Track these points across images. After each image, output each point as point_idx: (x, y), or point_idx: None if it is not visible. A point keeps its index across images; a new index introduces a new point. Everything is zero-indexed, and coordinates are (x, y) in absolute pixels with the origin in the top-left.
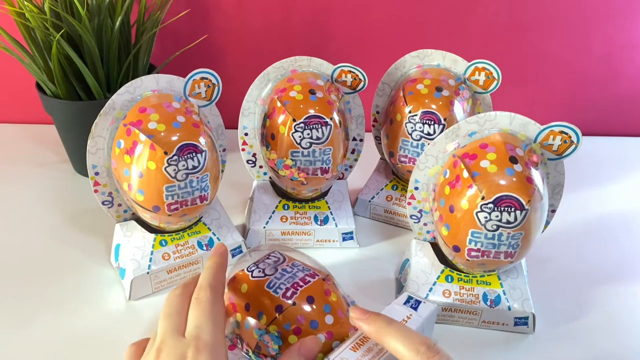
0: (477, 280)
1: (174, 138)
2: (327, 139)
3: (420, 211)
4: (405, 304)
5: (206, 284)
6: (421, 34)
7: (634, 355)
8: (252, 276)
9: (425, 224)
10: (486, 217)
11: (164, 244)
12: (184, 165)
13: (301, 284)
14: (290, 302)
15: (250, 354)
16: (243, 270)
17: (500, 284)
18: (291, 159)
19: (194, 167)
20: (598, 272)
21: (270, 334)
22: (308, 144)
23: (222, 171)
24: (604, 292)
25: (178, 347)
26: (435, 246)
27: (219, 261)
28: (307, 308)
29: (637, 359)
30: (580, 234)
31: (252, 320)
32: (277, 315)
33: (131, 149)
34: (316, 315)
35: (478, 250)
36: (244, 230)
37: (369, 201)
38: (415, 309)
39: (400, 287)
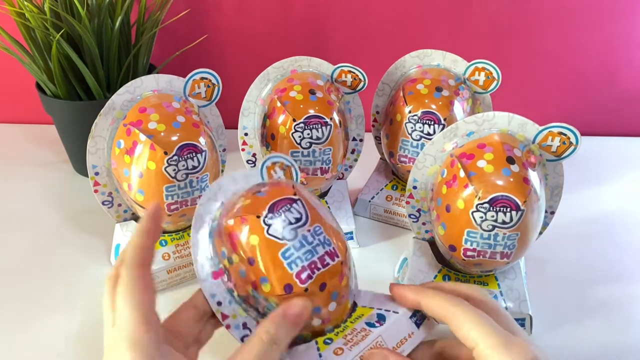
0: (475, 281)
1: (174, 138)
2: (327, 139)
3: (418, 210)
4: (411, 317)
5: (124, 258)
6: (421, 34)
7: (633, 357)
8: (267, 232)
9: (423, 223)
10: (482, 217)
11: (163, 244)
12: (184, 165)
13: (319, 265)
14: (303, 286)
15: (235, 294)
16: (259, 216)
17: (498, 284)
18: None
19: (194, 167)
20: (597, 273)
21: (268, 302)
22: (308, 144)
23: (222, 171)
24: (603, 293)
25: (107, 340)
26: (433, 245)
27: (147, 226)
28: (316, 294)
29: None
30: (580, 234)
31: (251, 277)
32: (284, 293)
33: (131, 149)
34: (322, 302)
35: (474, 250)
36: None
37: (369, 201)
38: (419, 326)
39: None
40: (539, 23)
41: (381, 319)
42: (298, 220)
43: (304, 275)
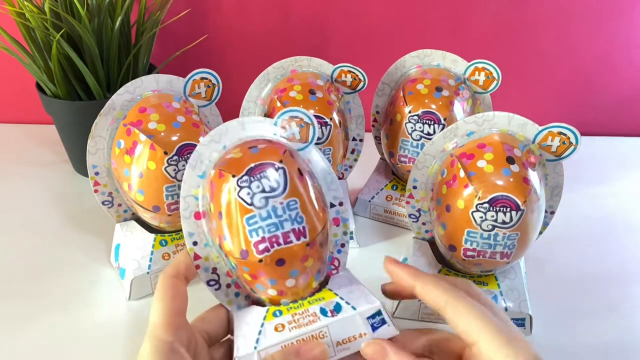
0: (475, 281)
1: (174, 138)
2: (327, 139)
3: (418, 210)
4: (369, 318)
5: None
6: (421, 34)
7: (633, 357)
8: (237, 194)
9: (423, 223)
10: (482, 217)
11: (164, 244)
12: (184, 165)
13: (280, 241)
14: (258, 256)
15: (210, 239)
16: (234, 175)
17: (498, 284)
18: None
19: None
20: (598, 273)
21: (228, 259)
22: None
23: None
24: (604, 293)
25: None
26: (433, 245)
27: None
28: (272, 268)
29: None
30: (580, 234)
31: (218, 231)
32: (240, 257)
33: (131, 149)
34: (277, 276)
35: (474, 250)
36: None
37: (369, 201)
38: (375, 329)
39: None
40: (539, 23)
41: (337, 309)
42: (273, 189)
43: (261, 247)
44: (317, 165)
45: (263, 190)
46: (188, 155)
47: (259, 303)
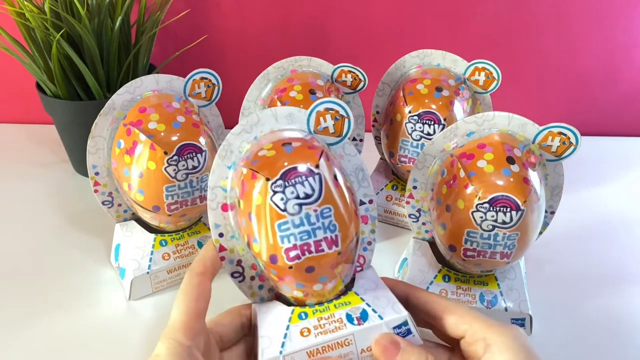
0: (475, 281)
1: (174, 138)
2: None
3: (418, 210)
4: (395, 328)
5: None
6: (421, 34)
7: (633, 357)
8: (270, 198)
9: (423, 223)
10: (482, 217)
11: (164, 244)
12: (184, 165)
13: (312, 249)
14: (288, 263)
15: (237, 232)
16: (268, 178)
17: (498, 284)
18: None
19: (194, 167)
20: (597, 273)
21: (257, 261)
22: None
23: None
24: (604, 293)
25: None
26: (433, 245)
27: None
28: (301, 274)
29: None
30: (580, 235)
31: (247, 230)
32: (268, 261)
33: (131, 149)
34: (305, 280)
35: (474, 250)
36: None
37: None
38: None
39: None
40: (539, 23)
41: (363, 317)
42: (307, 196)
43: (292, 254)
44: (349, 161)
45: (297, 197)
46: (188, 155)
47: (283, 297)
